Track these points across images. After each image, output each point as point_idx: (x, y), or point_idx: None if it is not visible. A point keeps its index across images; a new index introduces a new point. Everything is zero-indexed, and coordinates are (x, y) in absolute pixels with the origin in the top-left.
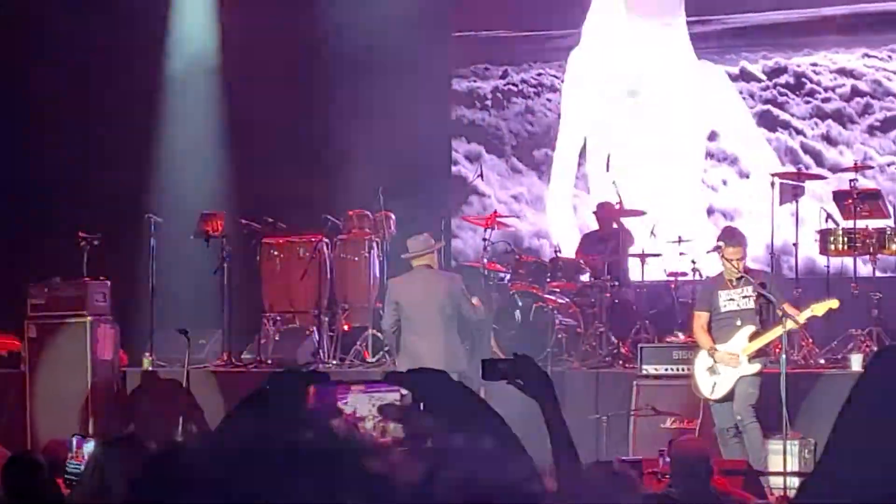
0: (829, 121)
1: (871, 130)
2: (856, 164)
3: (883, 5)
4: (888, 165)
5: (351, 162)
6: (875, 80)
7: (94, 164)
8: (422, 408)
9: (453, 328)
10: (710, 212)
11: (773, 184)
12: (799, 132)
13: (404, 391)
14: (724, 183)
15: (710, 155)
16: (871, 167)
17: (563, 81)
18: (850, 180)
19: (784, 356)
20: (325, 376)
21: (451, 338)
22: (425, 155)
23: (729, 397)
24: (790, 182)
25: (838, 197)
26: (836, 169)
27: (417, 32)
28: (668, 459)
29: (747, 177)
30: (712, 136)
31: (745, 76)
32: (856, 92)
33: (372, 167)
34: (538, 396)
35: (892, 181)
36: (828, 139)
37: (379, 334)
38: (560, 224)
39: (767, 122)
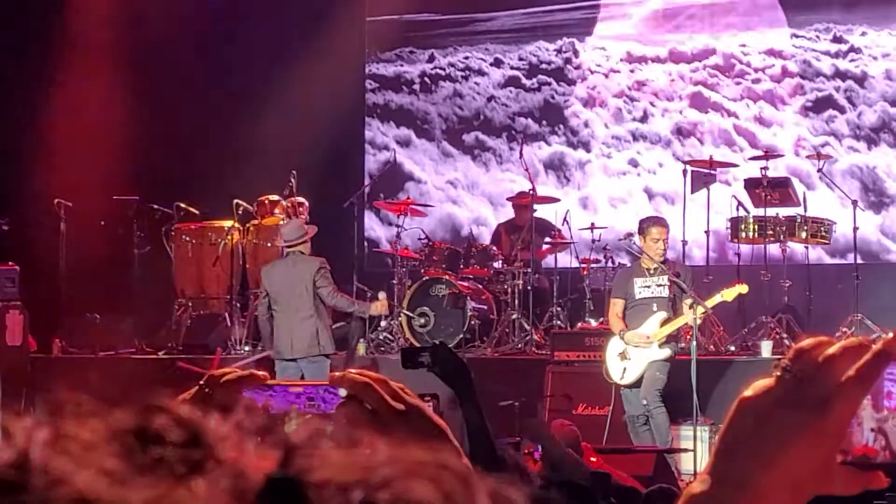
0: (762, 102)
1: (803, 111)
2: (766, 152)
3: None
4: (822, 146)
5: (263, 147)
6: (805, 61)
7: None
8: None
9: (317, 312)
10: (650, 195)
11: (685, 171)
12: (731, 114)
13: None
14: (661, 165)
15: (643, 137)
16: (782, 155)
17: (490, 64)
18: (762, 168)
19: (695, 342)
20: (261, 377)
21: (313, 321)
22: (338, 140)
23: (638, 383)
24: (701, 170)
25: (749, 185)
26: (771, 150)
27: (328, 17)
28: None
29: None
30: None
31: (674, 57)
32: (786, 73)
33: (284, 152)
34: (455, 384)
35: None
36: (760, 120)
37: None
38: None
39: (699, 103)
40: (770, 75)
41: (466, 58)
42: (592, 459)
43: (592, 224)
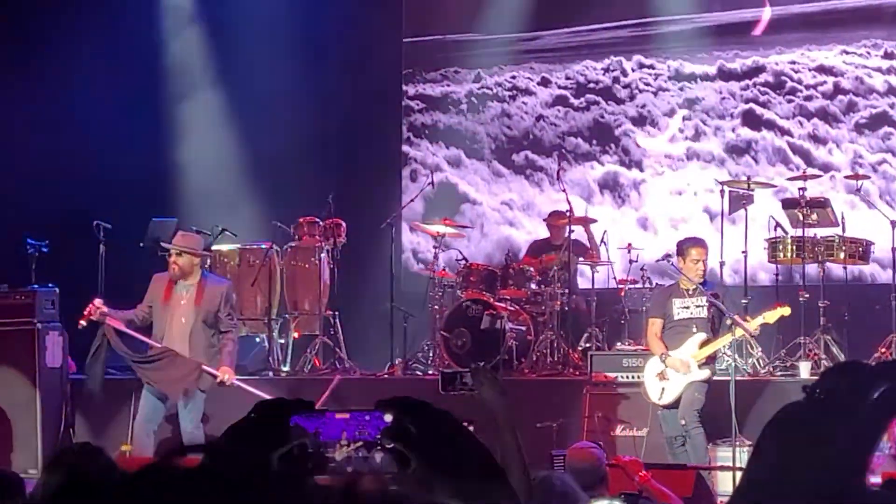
0: (815, 119)
1: (858, 128)
2: (804, 172)
3: (852, 2)
4: (879, 164)
5: (301, 168)
6: (857, 78)
7: (42, 170)
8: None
9: (207, 340)
10: (711, 216)
11: (722, 192)
12: (785, 132)
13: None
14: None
15: (696, 156)
16: (820, 175)
17: (537, 84)
18: (800, 189)
19: (734, 363)
20: (309, 404)
21: (201, 350)
22: (377, 161)
23: (676, 404)
24: (739, 190)
25: (787, 205)
26: (828, 168)
27: (365, 39)
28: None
29: None
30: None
31: (723, 75)
32: (838, 90)
33: (323, 174)
34: (494, 409)
35: (885, 179)
36: (815, 138)
37: (329, 341)
38: None
39: (751, 121)
40: (822, 92)
41: (513, 77)
42: (642, 473)
43: (629, 245)
